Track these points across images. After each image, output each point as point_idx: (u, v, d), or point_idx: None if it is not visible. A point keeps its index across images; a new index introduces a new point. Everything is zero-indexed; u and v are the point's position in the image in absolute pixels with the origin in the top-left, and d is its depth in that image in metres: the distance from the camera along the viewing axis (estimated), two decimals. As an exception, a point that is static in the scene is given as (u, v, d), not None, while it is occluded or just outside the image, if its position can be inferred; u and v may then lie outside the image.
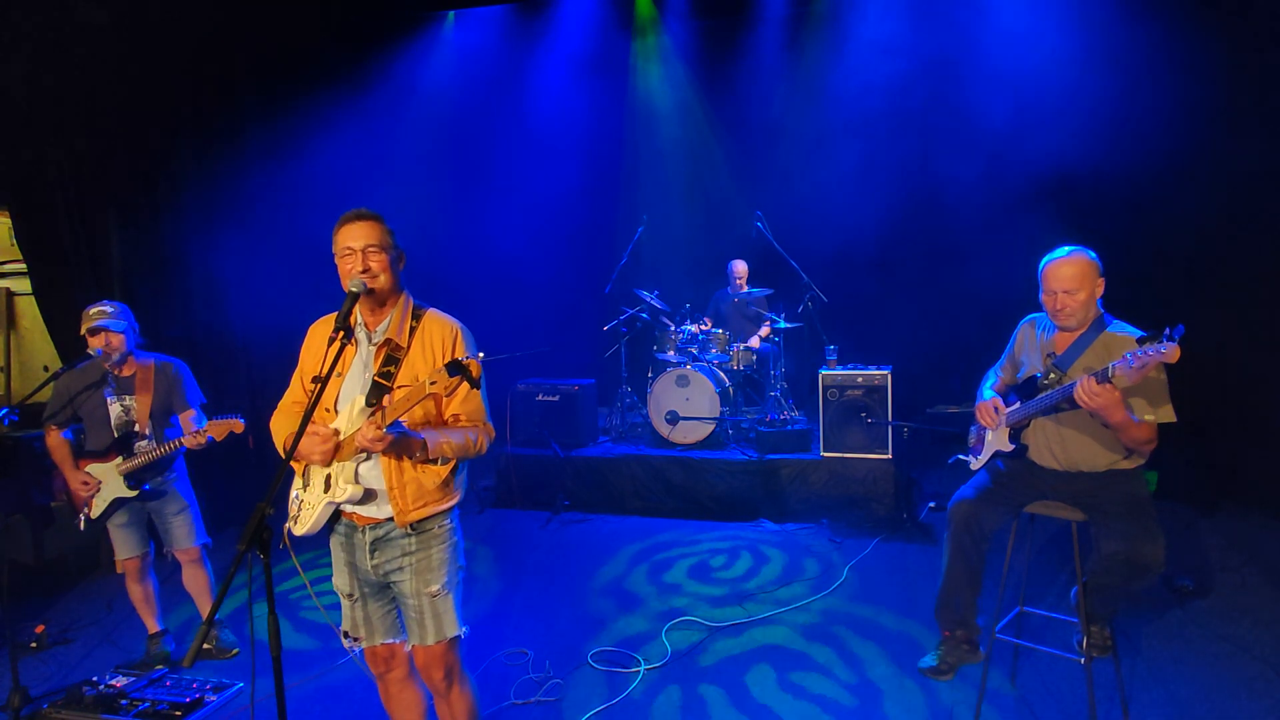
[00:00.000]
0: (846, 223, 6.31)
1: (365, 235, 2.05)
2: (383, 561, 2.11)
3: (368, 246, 2.04)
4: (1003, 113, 5.67)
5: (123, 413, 3.27)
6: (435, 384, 1.85)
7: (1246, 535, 4.44)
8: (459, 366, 1.84)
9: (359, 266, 2.03)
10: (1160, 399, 2.42)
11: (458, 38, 6.99)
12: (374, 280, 2.04)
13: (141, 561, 3.38)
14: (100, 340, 3.16)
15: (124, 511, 3.30)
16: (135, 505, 3.32)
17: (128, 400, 3.27)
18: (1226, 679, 2.96)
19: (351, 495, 2.02)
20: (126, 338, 3.23)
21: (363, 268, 2.03)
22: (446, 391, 1.87)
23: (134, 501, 3.29)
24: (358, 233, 2.05)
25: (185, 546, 3.40)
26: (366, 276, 2.03)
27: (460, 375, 1.84)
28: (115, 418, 3.26)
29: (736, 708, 2.92)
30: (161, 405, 3.32)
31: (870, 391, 5.08)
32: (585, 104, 7.10)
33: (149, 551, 3.41)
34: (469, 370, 1.86)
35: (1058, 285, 2.53)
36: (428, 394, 1.86)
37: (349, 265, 2.04)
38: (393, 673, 2.28)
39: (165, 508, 3.36)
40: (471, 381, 1.87)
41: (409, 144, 6.72)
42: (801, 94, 6.72)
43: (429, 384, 1.85)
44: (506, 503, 5.63)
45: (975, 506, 2.73)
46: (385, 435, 1.88)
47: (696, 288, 6.78)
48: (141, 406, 3.27)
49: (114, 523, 3.30)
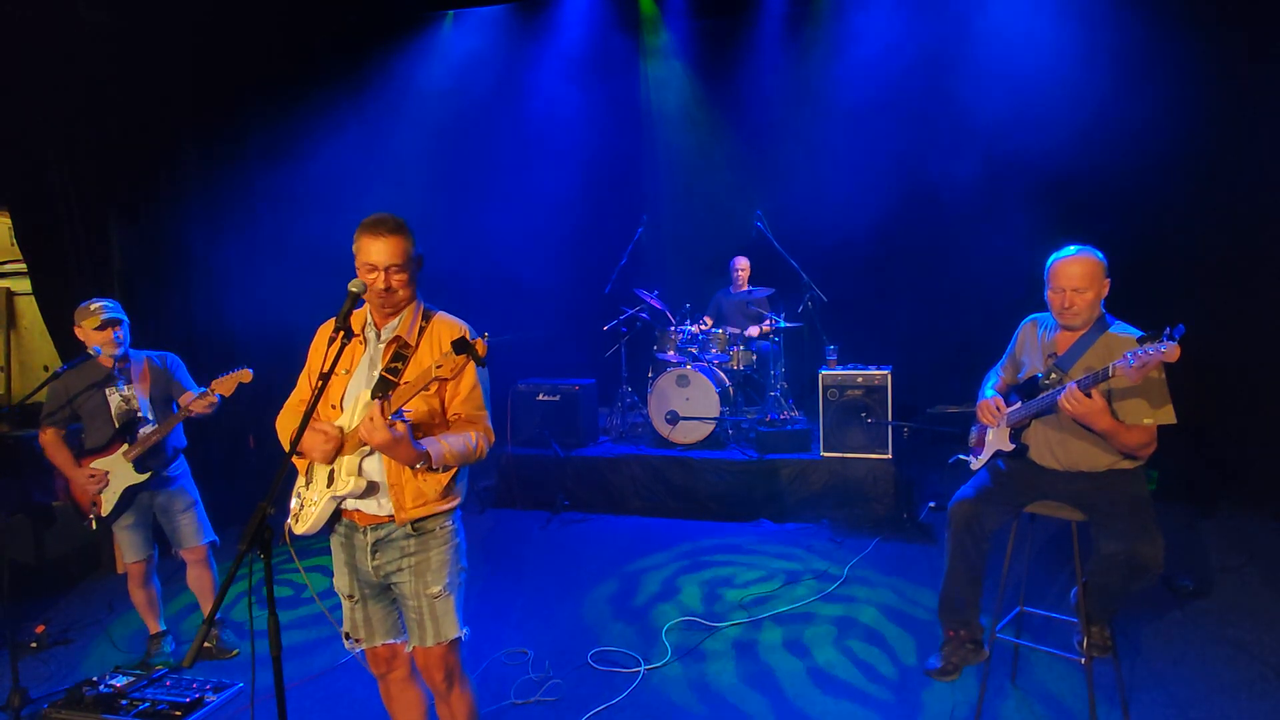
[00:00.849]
0: (847, 222, 6.30)
1: (389, 254, 2.02)
2: (383, 563, 2.11)
3: (390, 266, 2.03)
4: (1003, 112, 5.67)
5: (123, 402, 3.29)
6: (441, 366, 1.84)
7: (1246, 535, 4.44)
8: (465, 344, 1.84)
9: (381, 285, 2.03)
10: (1160, 399, 2.42)
11: (457, 38, 6.98)
12: (392, 296, 2.06)
13: (146, 565, 3.38)
14: (108, 335, 3.19)
15: (131, 512, 3.30)
16: (143, 505, 3.33)
17: (127, 390, 3.29)
18: (1227, 679, 2.96)
19: (354, 488, 2.01)
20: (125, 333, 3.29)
21: (385, 286, 2.03)
22: (452, 373, 1.86)
23: (142, 496, 3.31)
24: (382, 251, 2.02)
25: (193, 544, 3.40)
26: (388, 294, 2.05)
27: (466, 353, 1.83)
28: (115, 408, 3.27)
29: (736, 708, 2.92)
30: (161, 394, 3.35)
31: (870, 391, 5.08)
32: (585, 103, 7.10)
33: (154, 555, 3.42)
34: (474, 349, 1.85)
35: (1066, 283, 2.52)
36: (434, 378, 1.86)
37: (371, 280, 2.03)
38: (394, 673, 2.27)
39: (172, 504, 3.36)
40: (477, 360, 1.87)
41: (409, 143, 6.71)
42: (801, 93, 6.71)
43: (435, 367, 1.85)
44: (506, 503, 5.63)
45: (976, 506, 2.73)
46: (386, 426, 1.83)
47: (696, 287, 6.77)
48: (142, 392, 3.31)
49: (120, 525, 3.30)
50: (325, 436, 2.01)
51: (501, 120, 7.14)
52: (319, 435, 2.00)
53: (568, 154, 7.06)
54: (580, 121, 7.10)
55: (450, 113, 6.91)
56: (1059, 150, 5.53)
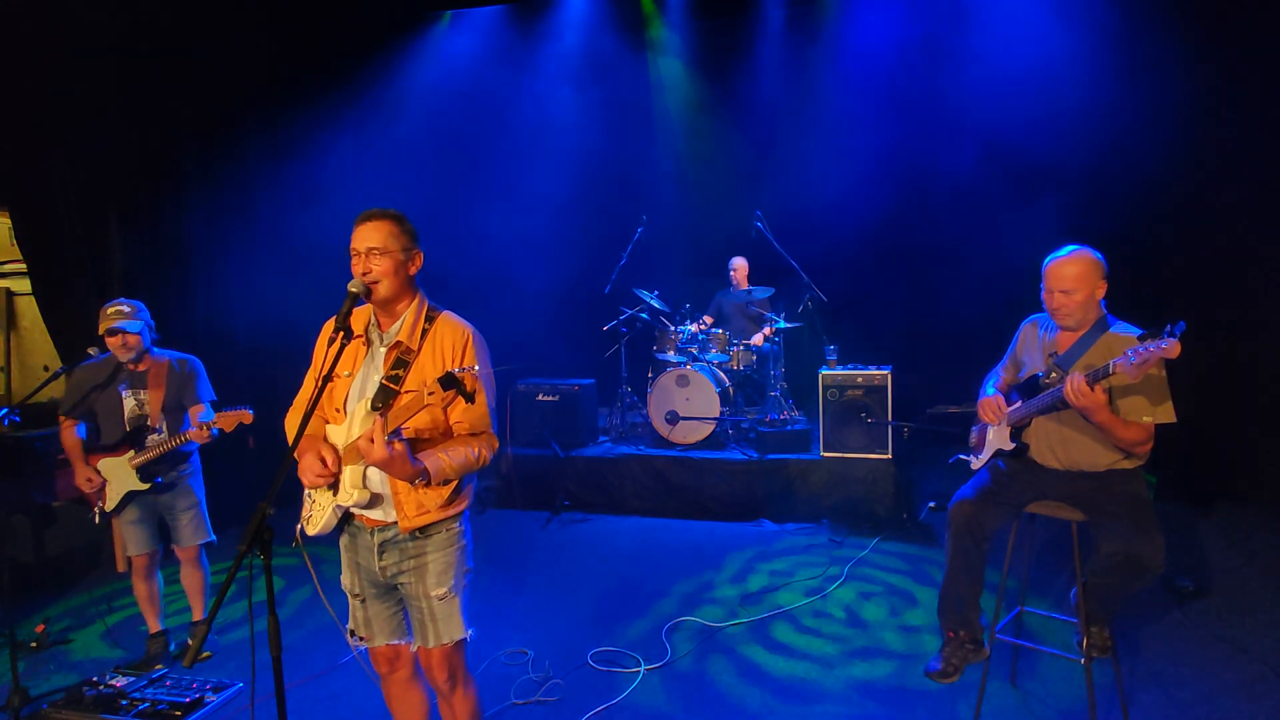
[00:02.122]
0: (847, 222, 6.30)
1: (371, 238, 2.03)
2: (390, 563, 2.11)
3: (371, 249, 2.03)
4: (1004, 112, 5.67)
5: (136, 407, 3.32)
6: (433, 395, 1.84)
7: (1246, 535, 4.43)
8: (453, 380, 1.83)
9: (359, 271, 2.03)
10: (1160, 397, 2.42)
11: (455, 38, 6.98)
12: (375, 285, 2.03)
13: (149, 559, 3.39)
14: (117, 341, 3.21)
15: (135, 507, 3.32)
16: (148, 501, 3.35)
17: (141, 395, 3.32)
18: (1227, 679, 2.96)
19: (359, 500, 2.02)
20: (143, 336, 3.28)
21: (363, 270, 2.02)
22: (443, 405, 1.86)
23: (146, 496, 3.32)
24: (365, 235, 2.04)
25: (187, 544, 3.43)
26: (367, 280, 2.02)
27: (454, 389, 1.83)
28: (129, 411, 3.31)
29: (736, 708, 2.92)
30: (174, 400, 3.36)
31: (870, 391, 5.08)
32: (585, 104, 7.10)
33: (158, 550, 3.43)
34: (463, 384, 1.84)
35: (1056, 285, 2.55)
36: (425, 405, 1.86)
37: (356, 267, 2.04)
38: (397, 673, 2.27)
39: (177, 503, 3.39)
40: (466, 396, 1.87)
41: (408, 143, 6.72)
42: (801, 93, 6.71)
43: (427, 395, 1.84)
44: (506, 503, 5.63)
45: (976, 506, 2.73)
46: (384, 447, 1.83)
47: (696, 288, 6.77)
48: (154, 401, 3.31)
49: (124, 519, 3.33)
50: (320, 468, 2.00)
51: (501, 120, 7.15)
52: (315, 463, 2.00)
53: (568, 154, 7.06)
54: (580, 121, 7.10)
55: (450, 113, 6.92)
56: (1059, 150, 5.54)
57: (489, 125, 7.12)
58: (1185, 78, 4.98)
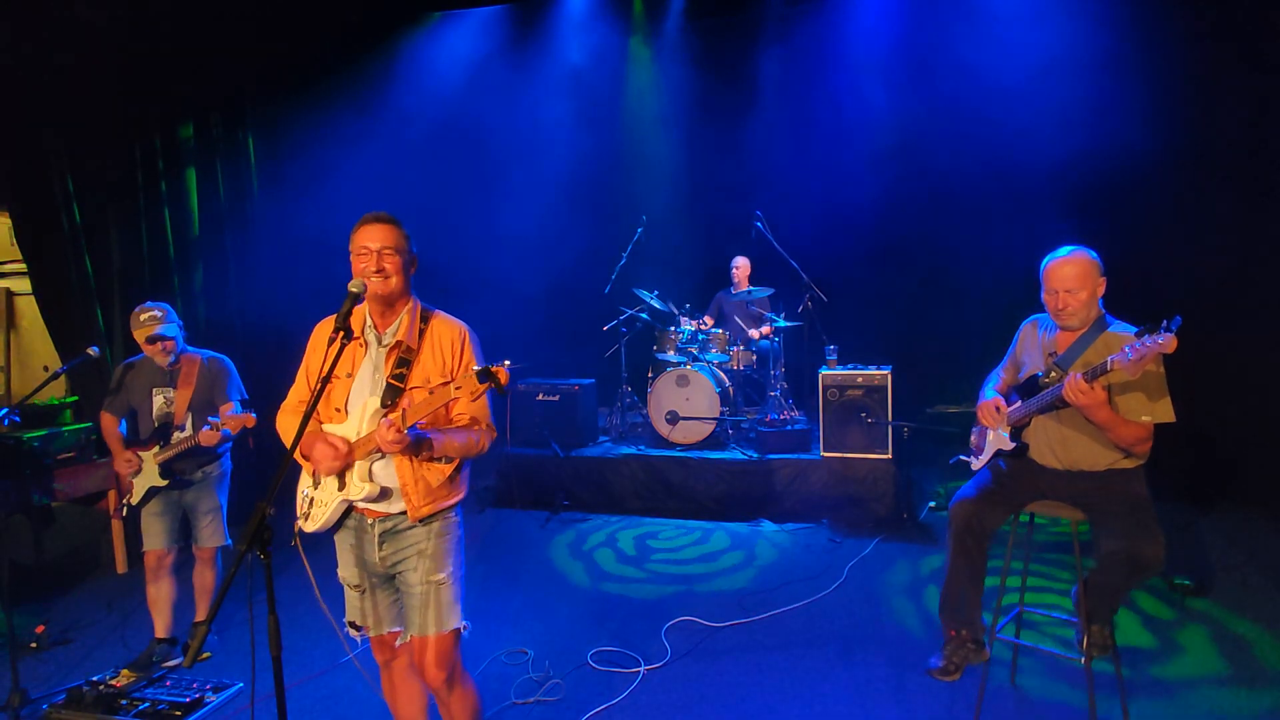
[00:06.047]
0: (846, 222, 6.30)
1: (382, 237, 2.10)
2: (391, 553, 2.15)
3: (384, 248, 2.09)
4: (1003, 111, 5.67)
5: (164, 404, 3.38)
6: (461, 388, 1.91)
7: (1246, 535, 4.44)
8: (489, 374, 1.90)
9: (373, 266, 2.08)
10: (1158, 394, 2.42)
11: (454, 39, 6.98)
12: (386, 281, 2.09)
13: (161, 559, 3.36)
14: (158, 348, 3.28)
15: (159, 501, 3.36)
16: (172, 497, 3.38)
17: (170, 393, 3.38)
18: (1227, 679, 2.96)
19: (368, 494, 2.06)
20: (177, 339, 3.35)
21: (377, 268, 2.08)
22: (473, 397, 1.94)
23: (171, 492, 3.36)
24: (376, 234, 2.10)
25: (205, 545, 3.46)
26: (380, 277, 2.08)
27: (489, 381, 1.91)
28: (157, 409, 3.38)
29: (736, 708, 2.92)
30: (203, 399, 3.39)
31: (870, 391, 5.08)
32: (584, 103, 7.10)
33: (174, 551, 3.40)
34: (497, 378, 1.92)
35: (1059, 285, 2.55)
36: (452, 397, 1.94)
37: (363, 264, 2.09)
38: (398, 660, 2.31)
39: (200, 504, 3.42)
40: (499, 389, 1.94)
41: (407, 143, 6.71)
42: (801, 93, 6.71)
43: (454, 388, 1.92)
44: (506, 502, 5.62)
45: (977, 506, 2.74)
46: (404, 436, 1.95)
47: (696, 288, 6.77)
48: (181, 400, 3.36)
49: (148, 510, 3.36)
50: (335, 452, 2.03)
51: (500, 121, 7.15)
52: (329, 449, 2.03)
53: (567, 154, 7.06)
54: (579, 122, 7.10)
55: (448, 114, 6.92)
56: (1059, 150, 5.53)
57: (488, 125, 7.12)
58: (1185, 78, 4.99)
